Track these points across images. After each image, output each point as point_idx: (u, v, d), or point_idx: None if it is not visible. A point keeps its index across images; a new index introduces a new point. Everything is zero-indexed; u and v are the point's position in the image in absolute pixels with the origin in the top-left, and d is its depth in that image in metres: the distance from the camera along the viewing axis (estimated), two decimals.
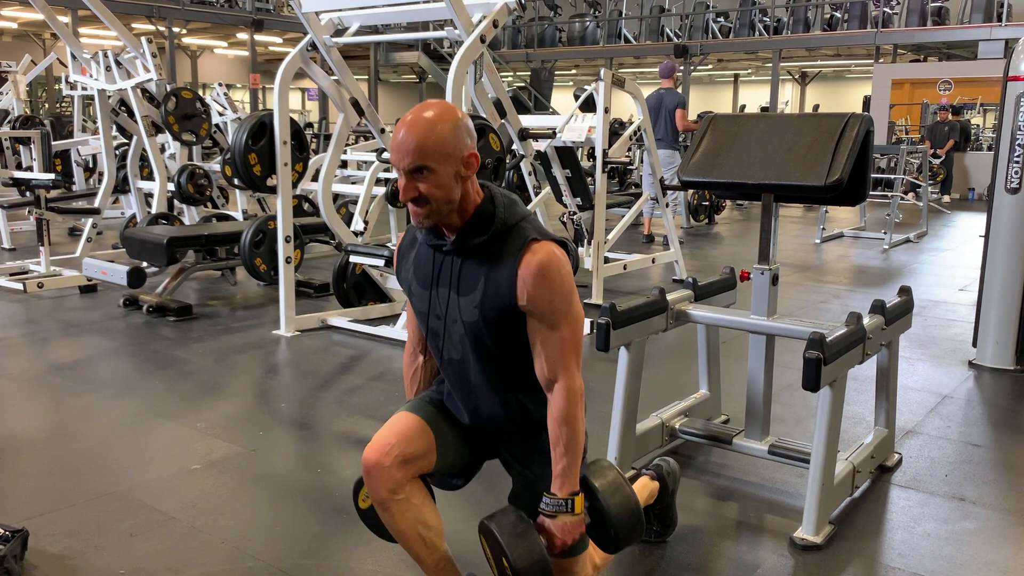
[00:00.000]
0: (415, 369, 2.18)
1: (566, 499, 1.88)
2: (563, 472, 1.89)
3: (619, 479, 2.00)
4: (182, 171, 6.84)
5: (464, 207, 1.86)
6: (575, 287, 1.90)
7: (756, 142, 2.89)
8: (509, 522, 1.88)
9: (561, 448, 1.88)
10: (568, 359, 1.88)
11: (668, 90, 8.72)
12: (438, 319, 1.97)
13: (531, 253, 1.84)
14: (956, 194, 14.77)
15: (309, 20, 4.91)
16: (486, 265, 1.88)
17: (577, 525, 1.90)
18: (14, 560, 2.34)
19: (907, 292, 3.14)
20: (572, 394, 1.88)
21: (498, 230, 1.87)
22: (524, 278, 1.83)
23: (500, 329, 1.90)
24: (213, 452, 3.31)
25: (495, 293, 1.86)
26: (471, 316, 1.90)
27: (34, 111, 18.63)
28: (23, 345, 4.86)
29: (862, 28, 17.73)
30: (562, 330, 1.87)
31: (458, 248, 1.90)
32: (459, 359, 1.98)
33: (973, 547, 2.63)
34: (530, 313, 1.86)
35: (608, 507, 1.94)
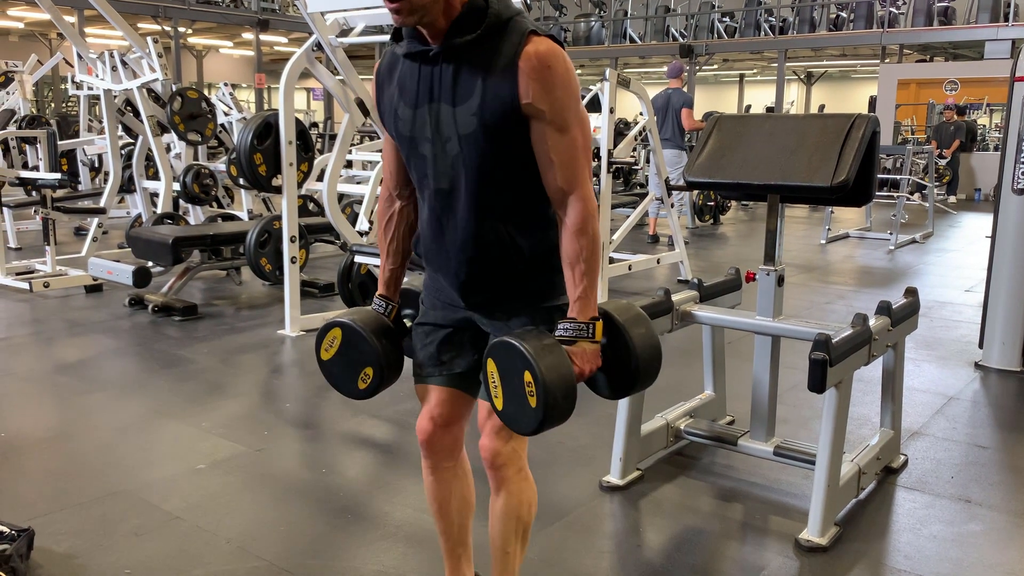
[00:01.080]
0: (390, 216, 1.97)
1: (587, 323, 1.71)
2: (584, 293, 1.71)
3: (640, 312, 1.85)
4: (187, 171, 6.85)
5: (451, 3, 1.64)
6: (579, 86, 1.74)
7: (762, 143, 2.89)
8: (533, 335, 1.68)
9: (581, 266, 1.70)
10: (581, 166, 1.70)
11: (675, 90, 8.71)
12: (428, 141, 1.74)
13: (533, 45, 1.64)
14: (962, 195, 14.73)
15: (314, 20, 4.91)
16: (482, 65, 1.66)
17: (596, 354, 1.73)
18: (20, 559, 2.34)
19: (913, 293, 3.13)
20: (589, 204, 1.71)
21: (492, 24, 1.65)
22: (527, 71, 1.63)
23: (500, 139, 1.68)
24: (218, 452, 3.31)
25: (495, 95, 1.65)
26: (468, 127, 1.68)
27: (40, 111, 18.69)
28: (29, 344, 4.87)
29: (868, 28, 17.69)
30: (572, 131, 1.68)
31: (448, 50, 1.67)
32: (448, 188, 1.76)
33: (979, 549, 2.62)
34: (535, 115, 1.66)
35: (631, 337, 1.77)
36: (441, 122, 1.71)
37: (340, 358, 1.96)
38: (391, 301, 2.00)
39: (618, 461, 3.01)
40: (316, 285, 6.21)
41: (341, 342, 1.95)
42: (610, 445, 3.04)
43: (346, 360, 1.96)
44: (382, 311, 1.99)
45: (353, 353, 1.94)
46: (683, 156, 8.70)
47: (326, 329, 1.96)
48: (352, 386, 1.98)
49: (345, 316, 1.95)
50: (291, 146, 4.90)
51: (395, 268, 2.00)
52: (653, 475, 3.11)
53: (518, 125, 1.67)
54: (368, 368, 1.93)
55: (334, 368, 1.98)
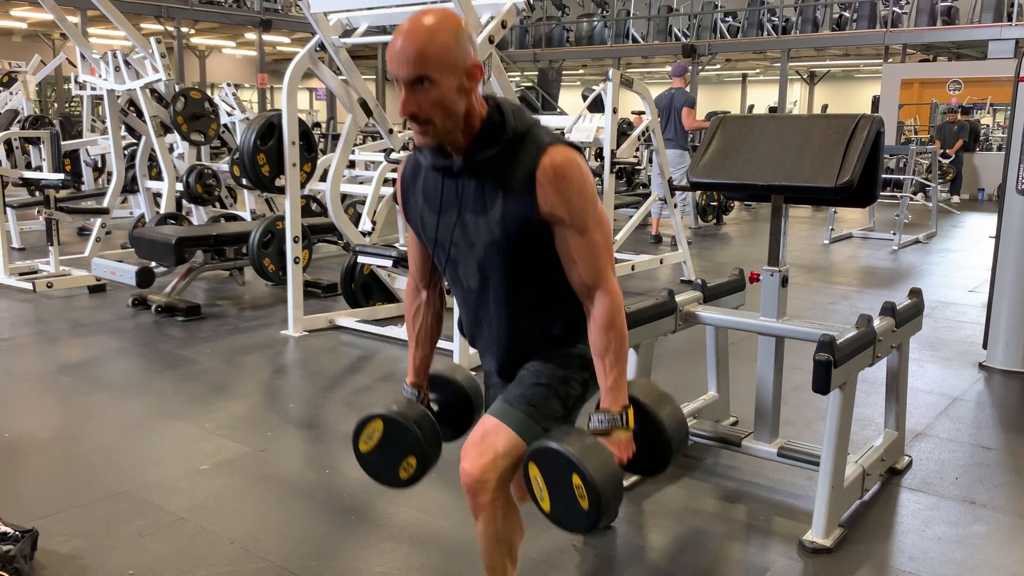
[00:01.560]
0: (417, 307, 2.05)
1: (620, 413, 1.78)
2: (614, 385, 1.78)
3: (660, 389, 1.91)
4: (191, 171, 6.86)
5: (470, 122, 1.72)
6: (596, 189, 1.81)
7: (766, 143, 2.88)
8: (575, 437, 1.71)
9: (611, 357, 1.77)
10: (604, 264, 1.78)
11: (678, 90, 8.70)
12: (455, 246, 1.85)
13: (548, 157, 1.72)
14: (966, 194, 14.70)
15: (317, 20, 4.91)
16: (502, 178, 1.75)
17: (631, 441, 1.79)
18: (24, 560, 2.35)
19: (917, 294, 3.13)
20: (616, 298, 1.78)
21: (510, 140, 1.74)
22: (544, 183, 1.71)
23: (523, 244, 1.78)
24: (221, 452, 3.32)
25: (516, 205, 1.74)
26: (492, 235, 1.78)
27: (44, 111, 18.70)
28: (32, 345, 4.88)
29: (871, 28, 17.67)
30: (592, 233, 1.76)
31: (469, 166, 1.76)
32: (478, 286, 1.87)
33: (984, 551, 2.61)
34: (556, 221, 1.74)
35: (661, 418, 1.85)
36: (466, 229, 1.82)
37: (380, 449, 1.99)
38: (422, 388, 2.06)
39: None
40: (319, 285, 6.21)
41: (382, 434, 1.97)
42: None
43: (388, 451, 1.98)
44: (416, 399, 2.04)
45: (395, 444, 1.96)
46: (686, 156, 8.69)
47: (365, 421, 1.98)
48: (393, 475, 2.00)
49: (383, 408, 1.97)
50: (294, 146, 4.90)
51: (424, 355, 2.08)
52: (656, 476, 3.10)
53: (540, 231, 1.77)
54: (411, 457, 1.96)
55: (373, 459, 2.01)
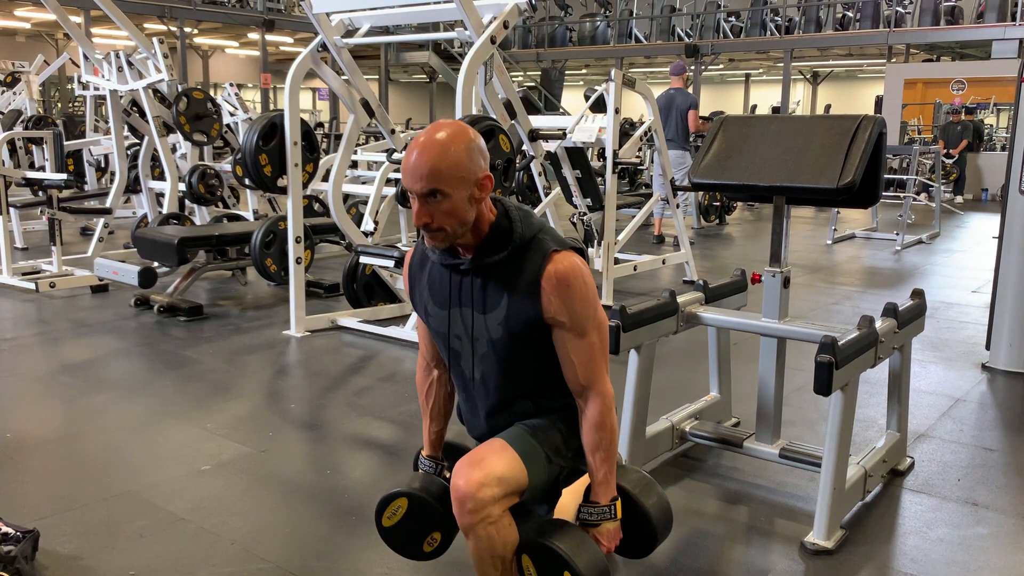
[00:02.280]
0: (430, 383, 2.14)
1: (609, 506, 1.89)
2: (604, 479, 1.88)
3: (647, 478, 2.01)
4: (193, 171, 6.86)
5: (479, 226, 1.83)
6: (597, 293, 1.90)
7: (768, 144, 2.88)
8: (565, 533, 1.83)
9: (601, 454, 1.87)
10: (599, 365, 1.88)
11: (679, 90, 8.70)
12: (459, 339, 1.95)
13: (553, 264, 1.82)
14: (969, 195, 14.68)
15: (320, 21, 4.91)
16: (507, 281, 1.85)
17: (619, 531, 1.92)
18: (25, 560, 2.35)
19: (920, 295, 3.12)
20: (607, 399, 1.88)
21: (516, 245, 1.84)
22: (548, 291, 1.81)
23: (526, 343, 1.88)
24: (223, 453, 3.32)
25: (519, 308, 1.84)
26: (496, 333, 1.88)
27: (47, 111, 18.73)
28: (35, 345, 4.88)
29: (874, 28, 17.64)
30: (590, 336, 1.86)
31: (477, 267, 1.87)
32: (480, 378, 1.96)
33: (986, 553, 2.61)
34: (557, 324, 1.85)
35: (647, 507, 1.96)
36: (470, 325, 1.92)
37: (405, 525, 2.04)
38: (438, 461, 2.13)
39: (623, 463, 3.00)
40: (321, 285, 6.21)
41: (407, 511, 2.03)
42: None
43: (411, 526, 2.04)
44: (434, 472, 2.11)
45: (419, 520, 2.03)
46: (687, 156, 8.68)
47: (389, 499, 2.03)
48: (416, 550, 2.08)
49: (407, 487, 2.03)
50: (296, 147, 4.90)
51: (439, 430, 2.15)
52: (658, 477, 3.09)
53: (541, 332, 1.87)
54: (436, 532, 2.04)
55: (397, 534, 2.06)
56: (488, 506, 1.79)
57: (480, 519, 1.79)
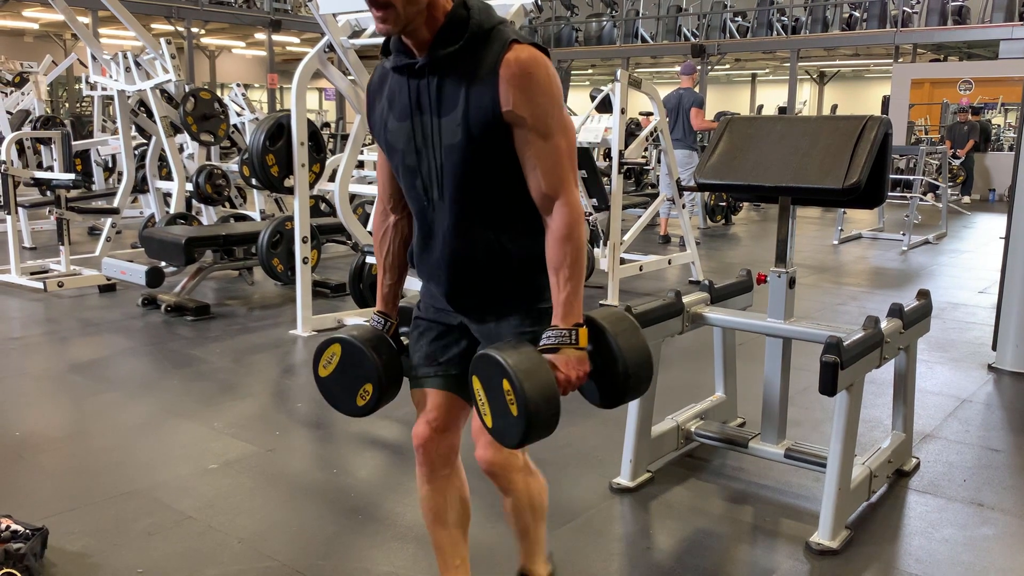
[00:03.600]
0: (385, 230, 1.98)
1: (570, 329, 1.70)
2: (567, 300, 1.71)
3: (627, 316, 1.82)
4: (200, 171, 6.88)
5: (434, 15, 1.67)
6: (562, 94, 1.75)
7: (773, 144, 2.88)
8: (511, 345, 1.69)
9: (565, 272, 1.71)
10: (566, 172, 1.72)
11: (687, 90, 8.69)
12: (416, 152, 1.77)
13: (514, 52, 1.66)
14: (976, 195, 14.63)
15: (326, 21, 4.93)
16: (466, 76, 1.68)
17: (582, 361, 1.72)
18: (34, 558, 2.36)
19: (926, 295, 3.12)
20: (574, 210, 1.71)
21: (474, 33, 1.68)
22: (507, 78, 1.65)
23: (485, 148, 1.70)
24: (230, 452, 3.33)
25: (478, 104, 1.67)
26: (454, 137, 1.71)
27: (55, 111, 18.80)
28: (43, 344, 4.91)
29: (881, 28, 17.60)
30: (555, 138, 1.70)
31: (432, 62, 1.70)
32: (437, 197, 1.79)
33: (991, 554, 2.61)
34: (518, 122, 1.68)
35: (618, 344, 1.74)
36: (428, 133, 1.74)
37: (339, 375, 1.95)
38: (389, 318, 1.99)
39: (628, 463, 3.01)
40: (328, 285, 6.23)
41: (340, 358, 1.93)
42: (620, 447, 3.04)
43: (345, 377, 1.94)
44: (380, 327, 1.97)
45: (352, 369, 1.92)
46: (694, 156, 8.68)
47: (325, 345, 1.95)
48: (351, 403, 1.96)
49: (344, 332, 1.94)
50: (303, 147, 4.91)
51: (393, 283, 2.01)
52: (663, 477, 3.10)
53: (502, 133, 1.69)
54: (368, 384, 1.92)
55: (332, 385, 1.97)
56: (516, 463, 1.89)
57: (512, 472, 1.90)
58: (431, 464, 1.97)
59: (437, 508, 2.01)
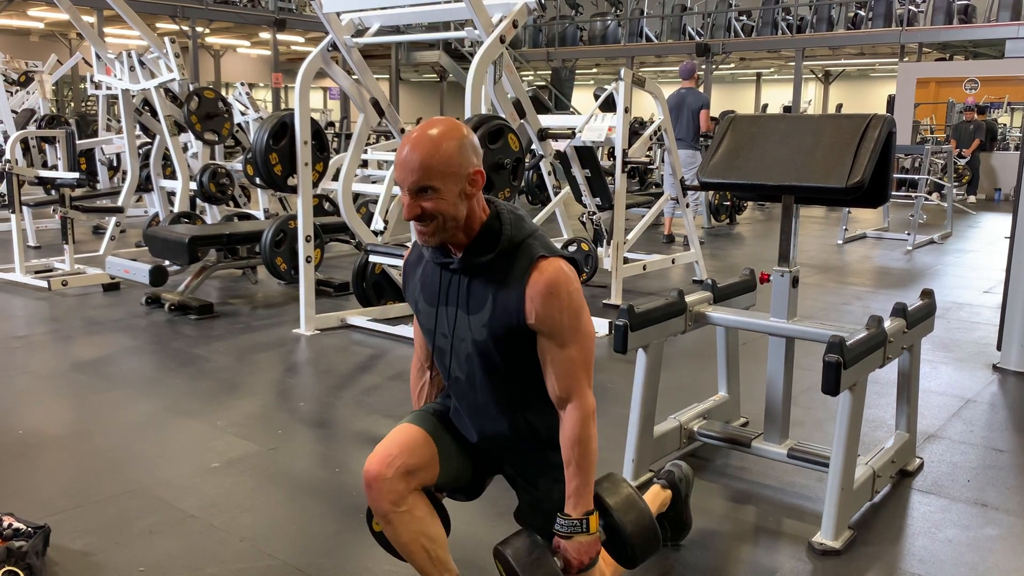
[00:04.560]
0: (422, 385, 2.16)
1: (580, 519, 1.87)
2: (576, 491, 1.88)
3: (632, 494, 2.00)
4: (204, 170, 6.89)
5: (470, 224, 1.84)
6: (584, 304, 1.88)
7: (776, 143, 2.87)
8: (524, 547, 1.88)
9: (574, 468, 1.87)
10: (579, 378, 1.86)
11: (690, 90, 8.69)
12: (445, 337, 1.95)
13: (539, 271, 1.81)
14: (982, 195, 14.59)
15: (330, 20, 4.93)
16: (494, 283, 1.86)
17: (593, 544, 1.90)
18: (36, 556, 2.37)
19: (929, 295, 3.11)
20: (584, 414, 1.87)
21: (505, 247, 1.84)
22: (532, 297, 1.81)
23: (508, 347, 1.88)
24: (232, 450, 3.33)
25: (503, 311, 1.84)
26: (480, 335, 1.88)
27: (60, 110, 18.83)
28: (47, 342, 4.92)
29: (887, 26, 17.54)
30: (571, 349, 1.84)
31: (465, 266, 1.87)
32: (465, 378, 1.96)
33: (995, 554, 2.60)
34: (539, 332, 1.84)
35: (623, 524, 1.94)
36: (456, 324, 1.93)
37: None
38: None
39: (631, 463, 3.00)
40: (331, 284, 6.23)
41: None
42: (623, 446, 3.03)
43: None
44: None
45: None
46: (697, 156, 8.67)
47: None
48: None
49: None
50: (306, 146, 4.91)
51: None
52: None
53: (525, 337, 1.87)
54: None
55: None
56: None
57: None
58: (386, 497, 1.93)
59: (405, 542, 1.98)
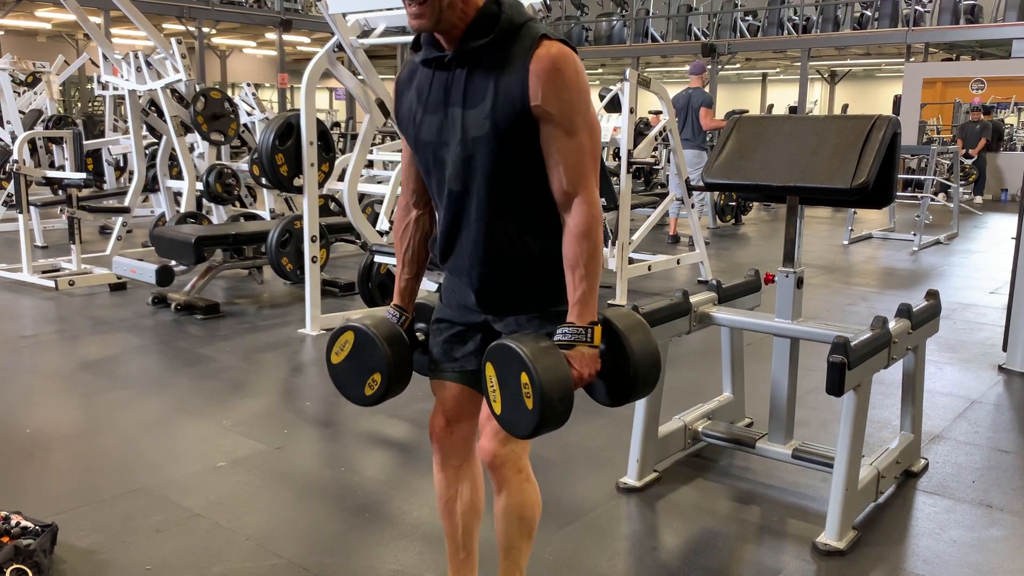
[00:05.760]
0: (406, 224, 2.00)
1: (585, 327, 1.73)
2: (583, 298, 1.73)
3: (636, 316, 1.85)
4: (210, 170, 6.91)
5: (465, 10, 1.70)
6: (589, 90, 1.77)
7: (781, 144, 2.88)
8: (531, 339, 1.71)
9: (581, 270, 1.72)
10: (587, 170, 1.73)
11: (696, 89, 8.68)
12: (444, 144, 1.79)
13: (544, 47, 1.69)
14: (988, 195, 14.55)
15: (336, 21, 4.94)
16: (494, 68, 1.71)
17: (595, 359, 1.75)
18: (43, 554, 2.38)
19: (934, 296, 3.11)
20: (593, 208, 1.73)
21: (504, 29, 1.71)
22: (537, 73, 1.67)
23: (511, 141, 1.72)
24: (238, 449, 3.35)
25: (506, 97, 1.70)
26: (480, 129, 1.73)
27: (67, 111, 18.90)
28: (54, 342, 4.94)
29: (893, 27, 17.51)
30: (580, 135, 1.72)
31: (462, 55, 1.73)
32: (462, 190, 1.80)
33: (1000, 555, 2.60)
34: (544, 117, 1.70)
35: (630, 344, 1.77)
36: (455, 126, 1.76)
37: (350, 362, 1.96)
38: (405, 312, 2.01)
39: (635, 463, 3.01)
40: (337, 284, 6.25)
41: (353, 346, 1.95)
42: (627, 446, 3.04)
43: (356, 365, 1.96)
44: (396, 320, 2.00)
45: (363, 358, 1.94)
46: (703, 156, 8.66)
47: (339, 332, 1.96)
48: (359, 391, 1.98)
49: (358, 321, 1.95)
50: (312, 146, 4.93)
51: (411, 278, 2.02)
52: (670, 477, 3.10)
53: (528, 127, 1.71)
54: (377, 374, 1.93)
55: (343, 372, 1.99)
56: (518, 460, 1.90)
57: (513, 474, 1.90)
58: (444, 452, 2.04)
59: (447, 497, 2.05)
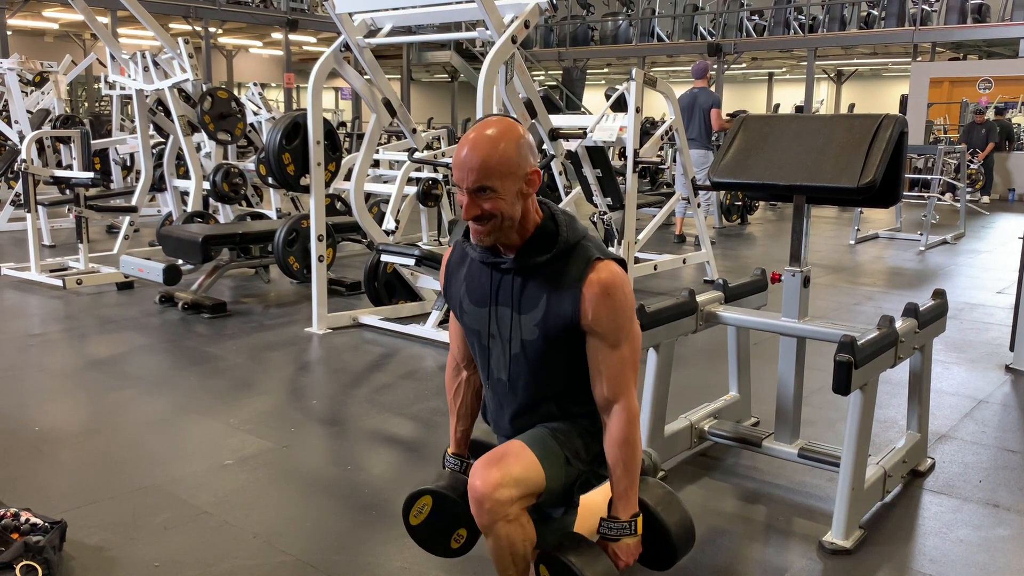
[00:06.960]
0: (458, 384, 2.17)
1: (629, 521, 1.90)
2: (624, 494, 1.90)
3: (671, 494, 2.04)
4: (217, 170, 6.93)
5: (524, 225, 1.87)
6: (635, 305, 1.92)
7: (788, 143, 2.87)
8: (580, 548, 1.87)
9: (621, 470, 1.89)
10: (627, 379, 1.89)
11: (702, 89, 8.67)
12: (493, 338, 1.97)
13: (596, 272, 1.85)
14: (996, 195, 14.50)
15: (342, 21, 4.95)
16: (548, 283, 1.88)
17: (638, 546, 1.93)
18: (53, 551, 2.39)
19: (941, 295, 3.10)
20: (631, 415, 1.89)
21: (561, 248, 1.87)
22: (589, 297, 1.83)
23: (559, 347, 1.90)
24: (245, 448, 3.36)
25: (557, 311, 1.86)
26: (531, 334, 1.90)
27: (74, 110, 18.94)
28: (62, 341, 4.96)
29: (899, 26, 17.45)
30: (623, 349, 1.87)
31: (520, 266, 1.90)
32: (508, 379, 1.98)
33: (1007, 555, 2.59)
34: (592, 332, 1.86)
35: (667, 524, 1.97)
36: (505, 325, 1.95)
37: (431, 521, 2.08)
38: (464, 459, 2.17)
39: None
40: (343, 283, 6.26)
41: (432, 508, 2.06)
42: None
43: (437, 524, 2.07)
44: (459, 469, 2.14)
45: (445, 517, 2.06)
46: (709, 156, 8.65)
47: (414, 497, 2.06)
48: (444, 547, 2.11)
49: (433, 484, 2.06)
50: (319, 146, 4.94)
51: (465, 429, 2.19)
52: (677, 476, 3.10)
53: (576, 337, 1.89)
54: (462, 529, 2.07)
55: (424, 531, 2.10)
56: (505, 506, 1.82)
57: (498, 518, 1.82)
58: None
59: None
